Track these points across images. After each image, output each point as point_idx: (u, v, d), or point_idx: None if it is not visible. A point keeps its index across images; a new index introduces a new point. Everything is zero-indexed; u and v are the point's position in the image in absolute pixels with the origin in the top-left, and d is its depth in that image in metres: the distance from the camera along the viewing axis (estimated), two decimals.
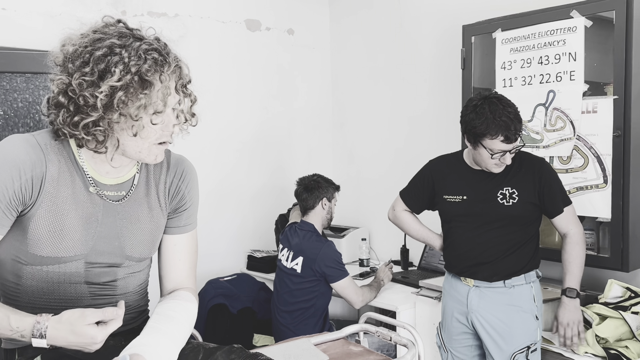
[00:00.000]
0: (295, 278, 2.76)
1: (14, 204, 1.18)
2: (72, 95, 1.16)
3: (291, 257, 2.80)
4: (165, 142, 1.27)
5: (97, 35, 1.18)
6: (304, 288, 2.74)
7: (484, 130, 2.00)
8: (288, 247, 2.84)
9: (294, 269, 2.76)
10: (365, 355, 1.80)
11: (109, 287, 1.33)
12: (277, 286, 2.88)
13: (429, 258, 3.25)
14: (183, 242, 1.46)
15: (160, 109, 1.21)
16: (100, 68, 1.15)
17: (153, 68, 1.18)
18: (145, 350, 1.18)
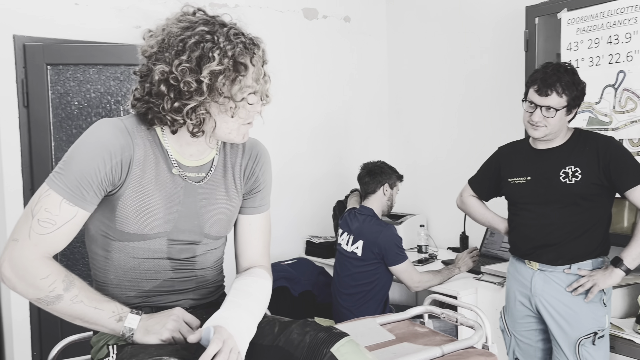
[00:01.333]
0: (355, 261, 2.80)
1: (104, 185, 1.26)
2: (174, 83, 1.21)
3: (351, 241, 2.83)
4: (251, 121, 1.33)
5: (185, 24, 1.24)
6: (365, 271, 2.78)
7: (528, 80, 2.09)
8: (348, 232, 2.88)
9: (355, 253, 2.80)
10: (431, 336, 1.82)
11: (189, 262, 1.40)
12: (337, 270, 2.93)
13: (489, 244, 3.22)
14: (257, 222, 1.51)
15: (255, 89, 1.27)
16: (196, 55, 1.20)
17: (244, 51, 1.24)
18: (227, 322, 1.24)
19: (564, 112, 2.04)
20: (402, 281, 2.77)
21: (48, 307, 1.22)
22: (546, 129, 2.06)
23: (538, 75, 2.05)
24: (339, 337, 1.25)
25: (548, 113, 2.03)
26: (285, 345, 1.27)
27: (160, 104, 1.24)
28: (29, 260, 1.20)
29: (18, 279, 1.21)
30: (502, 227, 2.34)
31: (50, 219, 1.21)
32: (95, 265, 1.38)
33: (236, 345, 1.20)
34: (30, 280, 1.20)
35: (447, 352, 1.62)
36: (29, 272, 1.20)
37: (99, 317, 1.24)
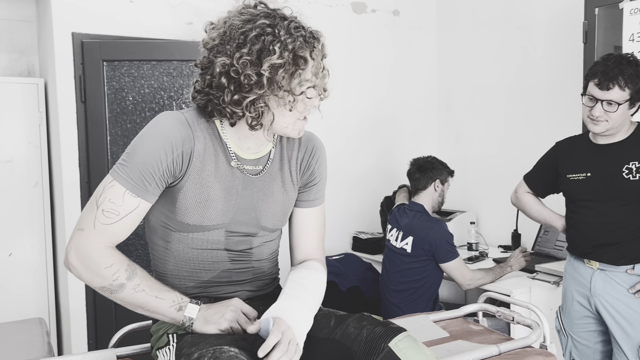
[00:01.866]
0: (405, 258, 2.77)
1: (165, 177, 1.28)
2: (234, 76, 1.23)
3: (401, 237, 2.80)
4: (307, 116, 1.33)
5: (246, 17, 1.24)
6: (415, 268, 2.74)
7: (587, 73, 2.00)
8: (397, 227, 2.85)
9: (404, 249, 2.77)
10: (486, 335, 1.78)
11: (246, 254, 1.41)
12: (386, 266, 2.91)
13: (543, 243, 3.13)
14: (312, 215, 1.51)
15: (314, 83, 1.28)
16: (256, 48, 1.21)
17: (304, 45, 1.24)
18: (286, 314, 1.25)
19: (627, 106, 1.96)
20: (453, 279, 2.72)
21: (111, 295, 1.25)
22: (607, 124, 1.98)
23: (599, 68, 1.98)
24: (396, 332, 1.24)
25: (609, 107, 1.95)
26: (341, 338, 1.26)
27: (220, 97, 1.25)
28: (93, 249, 1.24)
29: (84, 268, 1.24)
30: (559, 225, 2.27)
31: (114, 210, 1.24)
32: (155, 255, 1.41)
33: (295, 336, 1.20)
34: (95, 268, 1.24)
35: (504, 351, 1.58)
36: (94, 261, 1.24)
37: (159, 306, 1.27)
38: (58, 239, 3.08)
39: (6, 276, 3.01)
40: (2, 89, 3.03)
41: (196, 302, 1.30)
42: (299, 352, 1.20)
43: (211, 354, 1.13)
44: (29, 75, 3.37)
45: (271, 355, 1.14)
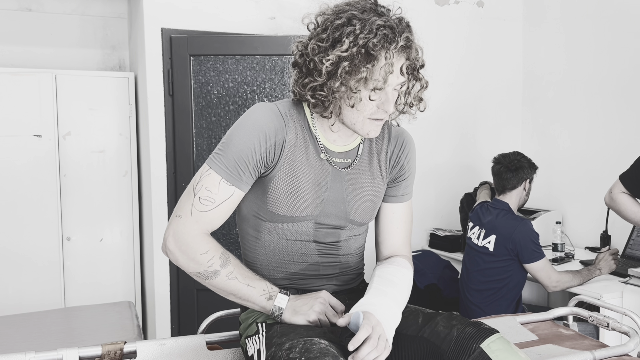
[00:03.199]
0: (487, 257, 2.69)
1: (259, 166, 1.30)
2: (305, 58, 1.26)
3: (483, 235, 2.73)
4: (380, 119, 1.30)
5: (344, 7, 1.24)
6: (497, 267, 2.66)
7: None
8: (479, 225, 2.77)
9: (486, 247, 2.69)
10: (578, 340, 1.70)
11: (334, 247, 1.42)
12: (466, 264, 2.84)
13: (635, 246, 2.95)
14: (400, 210, 1.50)
15: (380, 85, 1.24)
16: (334, 36, 1.22)
17: (380, 44, 1.21)
18: (375, 309, 1.24)
19: None
20: (538, 280, 2.62)
21: (206, 281, 1.29)
22: None
23: None
24: (489, 333, 1.20)
25: None
26: (430, 337, 1.24)
27: (294, 76, 1.30)
28: (190, 235, 1.28)
29: (181, 253, 1.28)
30: None
31: (210, 197, 1.28)
32: (246, 245, 1.44)
33: (384, 332, 1.19)
34: (191, 254, 1.28)
35: (599, 358, 1.50)
36: (191, 247, 1.28)
37: (250, 294, 1.29)
38: (145, 227, 3.23)
39: (97, 261, 3.18)
40: (96, 83, 3.19)
41: (285, 293, 1.32)
42: (388, 348, 1.19)
43: (302, 345, 1.14)
44: (120, 70, 3.54)
45: (361, 350, 1.14)
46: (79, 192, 3.15)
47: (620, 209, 2.26)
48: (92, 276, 3.15)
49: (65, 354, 1.39)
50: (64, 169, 3.11)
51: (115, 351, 1.44)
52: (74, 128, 3.14)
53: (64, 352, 1.40)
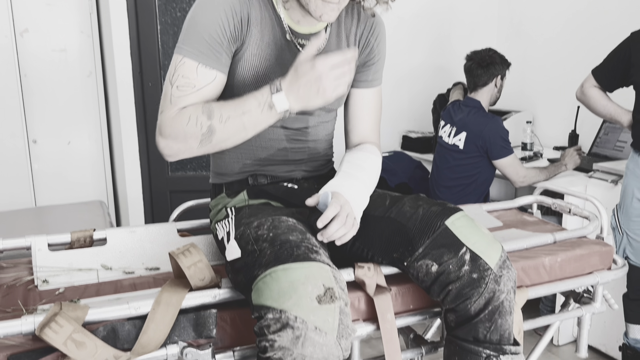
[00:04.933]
0: (456, 154, 2.72)
1: (231, 44, 1.24)
2: None
3: (454, 133, 2.74)
4: (332, 1, 1.21)
5: None
6: (466, 164, 2.70)
7: None
8: (451, 123, 2.78)
9: (456, 145, 2.72)
10: (541, 225, 1.76)
11: (302, 132, 1.40)
12: (437, 162, 2.88)
13: (602, 144, 3.01)
14: (370, 96, 1.48)
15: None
16: None
17: None
18: (344, 190, 1.25)
19: None
20: (506, 176, 2.67)
21: (211, 145, 1.20)
22: None
23: None
24: (453, 211, 1.23)
25: None
26: (397, 216, 1.26)
27: None
28: (169, 118, 1.20)
29: (173, 141, 1.21)
30: (625, 120, 2.17)
31: (189, 84, 1.21)
32: None
33: (352, 210, 1.21)
34: (179, 133, 1.19)
35: (559, 240, 1.56)
36: (174, 127, 1.19)
37: (250, 118, 1.18)
38: (113, 129, 3.16)
39: (66, 164, 3.13)
40: None
41: (274, 87, 1.17)
42: (356, 226, 1.21)
43: (270, 222, 1.15)
44: None
45: (329, 227, 1.16)
46: (41, 94, 3.03)
47: (590, 102, 2.28)
48: (61, 179, 3.11)
49: (34, 240, 1.39)
50: (24, 68, 2.98)
51: (84, 238, 1.44)
52: (31, 25, 2.97)
53: (33, 239, 1.39)
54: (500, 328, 1.18)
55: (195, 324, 1.11)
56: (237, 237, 1.18)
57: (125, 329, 1.07)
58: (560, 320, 1.57)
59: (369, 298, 1.25)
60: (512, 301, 1.20)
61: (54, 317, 0.99)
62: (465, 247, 1.17)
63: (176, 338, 1.10)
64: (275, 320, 0.97)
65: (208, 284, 1.15)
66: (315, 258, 1.04)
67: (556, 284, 1.47)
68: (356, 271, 1.25)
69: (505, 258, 1.20)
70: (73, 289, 1.27)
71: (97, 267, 1.36)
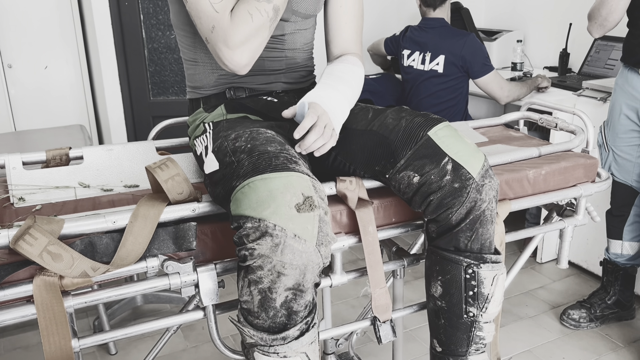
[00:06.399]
0: (436, 79, 2.65)
1: None
2: None
3: (429, 59, 2.66)
4: None
5: None
6: (448, 87, 2.65)
7: None
8: (419, 50, 2.69)
9: (435, 70, 2.64)
10: (526, 140, 1.74)
11: (278, 40, 1.34)
12: (414, 92, 2.77)
13: (593, 62, 2.96)
14: (349, 3, 1.41)
15: None
16: None
17: None
18: (322, 100, 1.21)
19: None
20: (490, 93, 2.62)
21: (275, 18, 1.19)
22: None
23: None
24: (436, 122, 1.20)
25: None
26: (379, 129, 1.23)
27: None
28: (230, 27, 1.15)
29: (247, 45, 1.16)
30: None
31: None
32: (184, 42, 1.35)
33: (331, 121, 1.18)
34: (251, 33, 1.16)
35: (544, 153, 1.55)
36: (243, 31, 1.15)
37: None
38: (91, 52, 3.05)
39: (44, 88, 3.04)
40: None
41: None
42: (334, 137, 1.18)
43: (248, 134, 1.12)
44: None
45: (307, 138, 1.13)
46: (13, 16, 2.90)
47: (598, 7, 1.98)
48: (40, 104, 3.03)
49: (8, 158, 1.35)
50: None
51: (60, 156, 1.40)
52: None
53: (6, 157, 1.36)
54: (481, 237, 1.18)
55: (175, 237, 1.10)
56: (214, 150, 1.15)
57: (103, 242, 1.05)
58: (543, 232, 1.58)
59: (351, 211, 1.24)
60: (494, 210, 1.19)
61: (27, 230, 0.97)
62: (448, 157, 1.15)
63: (156, 251, 1.09)
64: (254, 229, 0.96)
65: (187, 198, 1.13)
66: (294, 168, 1.02)
67: (539, 196, 1.47)
68: (338, 184, 1.23)
69: (488, 167, 1.19)
70: (50, 206, 1.25)
71: (74, 185, 1.34)
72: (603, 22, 1.98)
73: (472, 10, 3.30)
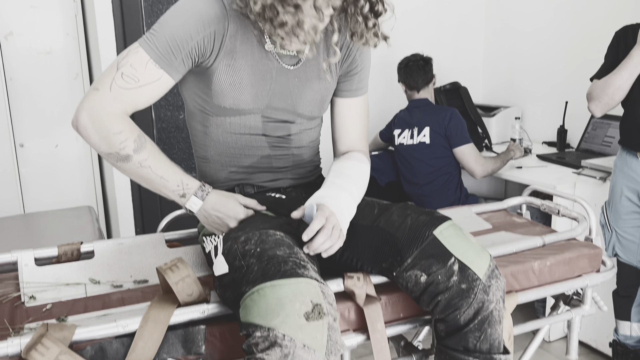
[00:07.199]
0: (426, 149, 2.79)
1: (193, 53, 1.22)
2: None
3: (417, 132, 2.82)
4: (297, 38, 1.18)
5: None
6: (437, 157, 2.78)
7: None
8: (408, 127, 2.85)
9: (423, 142, 2.79)
10: (530, 227, 1.77)
11: (284, 140, 1.39)
12: (408, 168, 2.88)
13: (590, 139, 3.02)
14: (355, 106, 1.47)
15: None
16: None
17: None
18: (329, 201, 1.24)
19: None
20: (466, 164, 2.75)
21: (117, 164, 1.22)
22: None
23: None
24: (441, 221, 1.23)
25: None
26: (385, 226, 1.26)
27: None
28: (105, 111, 1.18)
29: (93, 129, 1.18)
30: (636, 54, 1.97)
31: (134, 76, 1.19)
32: (196, 141, 1.40)
33: (338, 222, 1.20)
34: (103, 132, 1.18)
35: (548, 243, 1.57)
36: (104, 124, 1.18)
37: (163, 186, 1.24)
38: None
39: (54, 167, 3.10)
40: None
41: (202, 191, 1.26)
42: (342, 238, 1.20)
43: (257, 237, 1.14)
44: None
45: (315, 240, 1.15)
46: (28, 97, 3.00)
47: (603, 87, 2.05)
48: (50, 183, 3.08)
49: (21, 255, 1.38)
50: (10, 72, 2.94)
51: (72, 251, 1.43)
52: (15, 28, 2.93)
53: (19, 254, 1.38)
54: (490, 337, 1.18)
55: (184, 340, 1.11)
56: (224, 252, 1.17)
57: (114, 348, 1.06)
58: (550, 323, 1.58)
59: (359, 308, 1.25)
60: (502, 310, 1.20)
61: (40, 339, 0.98)
62: (454, 257, 1.17)
63: (165, 355, 1.09)
64: (263, 339, 0.96)
65: (196, 299, 1.15)
66: (302, 273, 1.04)
67: (545, 287, 1.48)
68: (345, 281, 1.24)
69: (494, 267, 1.20)
70: (60, 305, 1.26)
71: (84, 281, 1.35)
72: (608, 102, 2.05)
73: (470, 87, 3.41)
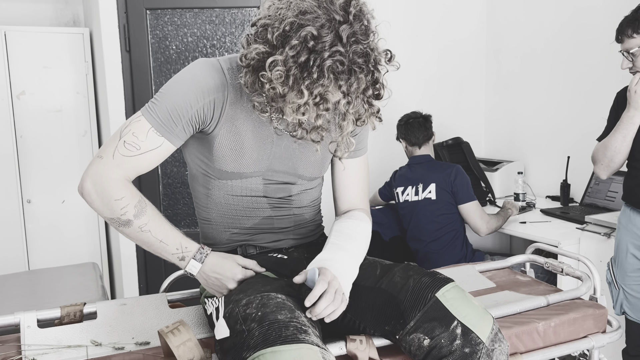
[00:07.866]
0: (431, 206, 2.78)
1: (193, 121, 1.26)
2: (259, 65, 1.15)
3: (421, 189, 2.81)
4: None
5: (306, 5, 1.10)
6: (443, 213, 2.77)
7: None
8: (411, 184, 2.85)
9: (429, 198, 2.77)
10: (534, 285, 1.76)
11: (285, 201, 1.41)
12: (413, 225, 2.86)
13: (593, 194, 3.03)
14: (355, 166, 1.49)
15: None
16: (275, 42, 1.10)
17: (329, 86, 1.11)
18: (331, 264, 1.25)
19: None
20: (471, 221, 2.75)
21: (119, 228, 1.25)
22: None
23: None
24: (444, 283, 1.23)
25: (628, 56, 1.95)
26: (387, 287, 1.26)
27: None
28: (108, 178, 1.23)
29: (97, 195, 1.23)
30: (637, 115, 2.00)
31: (136, 144, 1.24)
32: (199, 203, 1.42)
33: (341, 286, 1.20)
34: (106, 199, 1.22)
35: (552, 302, 1.56)
36: (106, 191, 1.22)
37: (163, 250, 1.27)
38: None
39: (60, 223, 3.13)
40: (49, 39, 3.07)
41: (201, 254, 1.28)
42: (345, 302, 1.20)
43: (259, 300, 1.15)
44: (74, 25, 3.40)
45: (318, 305, 1.15)
46: (37, 154, 3.06)
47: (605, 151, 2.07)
48: (55, 239, 3.11)
49: (23, 317, 1.38)
50: (20, 129, 3.02)
51: (74, 312, 1.43)
52: (28, 87, 3.03)
53: (22, 316, 1.38)
54: None
55: None
56: (226, 315, 1.17)
57: None
58: None
59: None
60: None
61: None
62: (457, 321, 1.16)
63: None
64: None
65: None
66: (304, 339, 1.03)
67: (551, 349, 1.46)
68: (348, 345, 1.24)
69: (497, 330, 1.19)
70: None
71: (86, 344, 1.34)
72: (609, 164, 2.08)
73: (472, 142, 3.45)
